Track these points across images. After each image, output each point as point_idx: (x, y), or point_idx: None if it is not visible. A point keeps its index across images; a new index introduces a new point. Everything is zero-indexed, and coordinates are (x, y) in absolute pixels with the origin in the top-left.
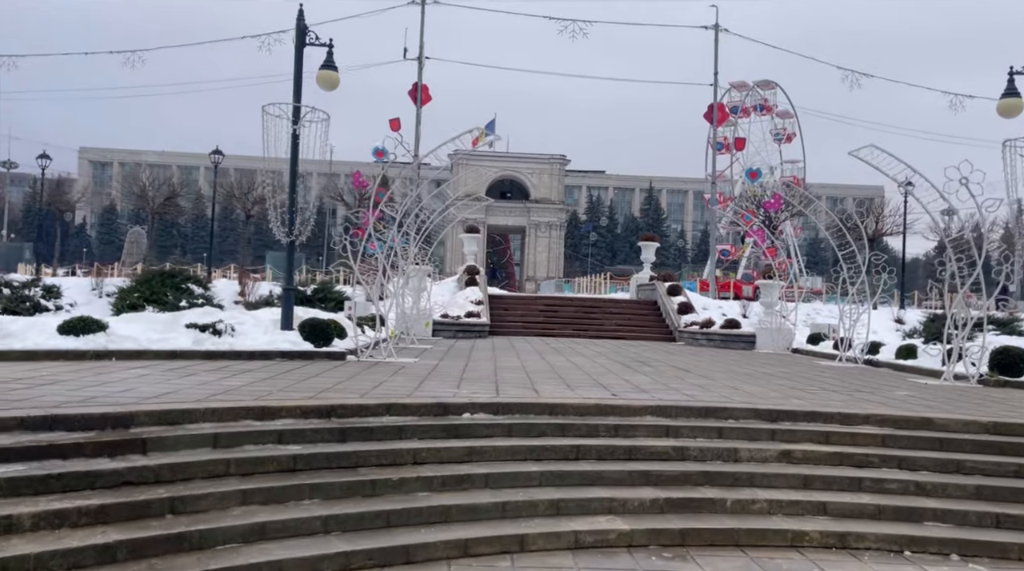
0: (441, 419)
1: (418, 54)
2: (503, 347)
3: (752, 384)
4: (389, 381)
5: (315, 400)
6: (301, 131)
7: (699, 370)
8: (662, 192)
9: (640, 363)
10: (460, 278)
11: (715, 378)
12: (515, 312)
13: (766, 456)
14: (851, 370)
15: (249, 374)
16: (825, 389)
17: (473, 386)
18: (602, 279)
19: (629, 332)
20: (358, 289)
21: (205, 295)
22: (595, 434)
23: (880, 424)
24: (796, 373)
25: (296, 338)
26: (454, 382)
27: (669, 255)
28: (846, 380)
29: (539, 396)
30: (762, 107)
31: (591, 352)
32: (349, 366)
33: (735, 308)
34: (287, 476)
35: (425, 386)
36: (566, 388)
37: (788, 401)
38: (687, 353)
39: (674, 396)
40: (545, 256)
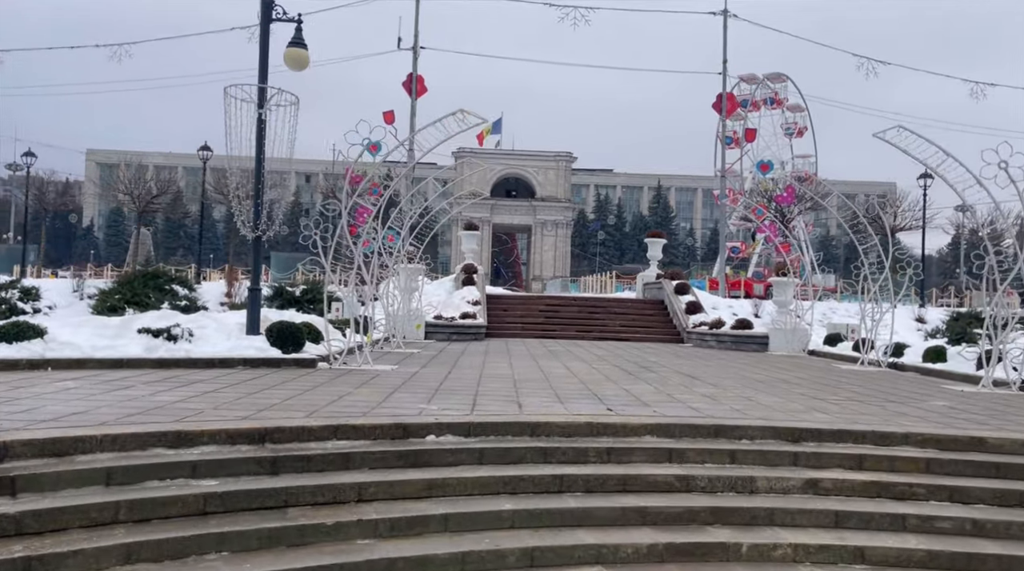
0: (399, 443)
1: (413, 44)
2: (497, 351)
3: (768, 393)
4: (352, 394)
5: (248, 421)
6: (268, 116)
7: (708, 376)
8: (671, 190)
9: (643, 369)
10: (457, 277)
11: (726, 386)
12: (514, 313)
13: (788, 486)
14: (875, 375)
15: (194, 386)
16: (851, 399)
17: (448, 400)
18: (608, 278)
19: (634, 333)
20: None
21: (189, 296)
22: (583, 460)
23: (922, 445)
24: (815, 379)
25: (262, 344)
26: (427, 395)
27: (678, 254)
28: (872, 387)
29: (521, 412)
30: (772, 100)
31: (591, 356)
32: (316, 375)
33: (746, 307)
34: (193, 522)
35: (392, 400)
36: (555, 401)
37: (811, 415)
38: (695, 356)
39: (679, 410)
40: (552, 255)
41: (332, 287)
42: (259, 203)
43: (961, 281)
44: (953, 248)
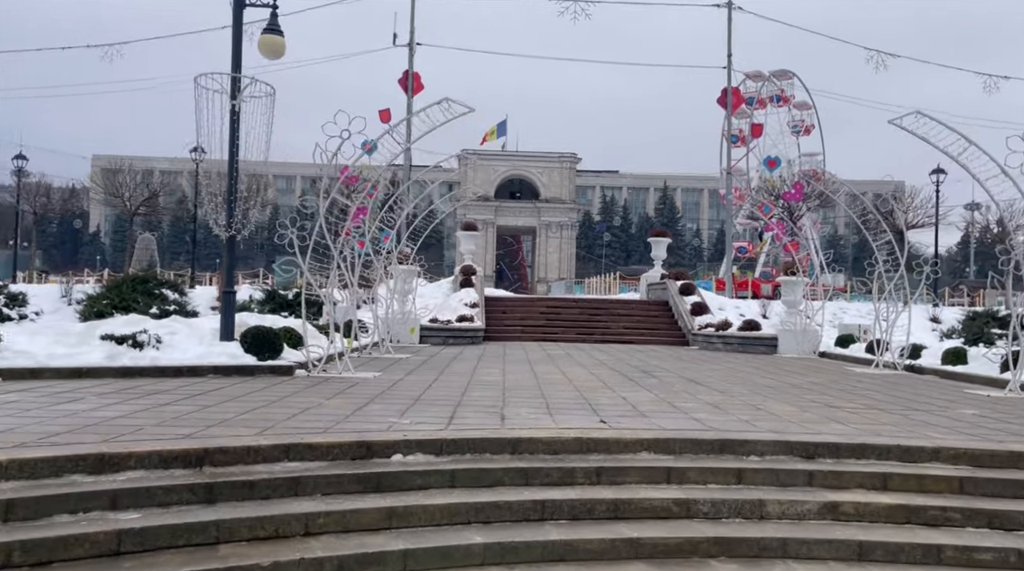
0: (360, 465)
1: (408, 40)
2: (492, 355)
3: (778, 400)
4: (322, 406)
5: (188, 441)
6: (242, 107)
7: (714, 382)
8: (677, 191)
9: (644, 374)
10: (455, 279)
11: (733, 393)
12: (514, 315)
13: (803, 510)
14: (892, 379)
15: (151, 398)
16: (870, 406)
17: (425, 412)
18: (612, 280)
19: (638, 335)
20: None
21: (179, 301)
22: (570, 481)
23: (954, 461)
24: (829, 384)
25: (236, 350)
26: (404, 406)
27: (685, 254)
28: (891, 392)
29: (502, 427)
30: (779, 98)
31: (591, 360)
32: (290, 384)
33: (754, 308)
34: (102, 566)
35: (364, 412)
36: (544, 412)
37: (826, 426)
38: (700, 360)
39: (680, 422)
40: (556, 257)
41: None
42: (232, 201)
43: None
44: (963, 247)
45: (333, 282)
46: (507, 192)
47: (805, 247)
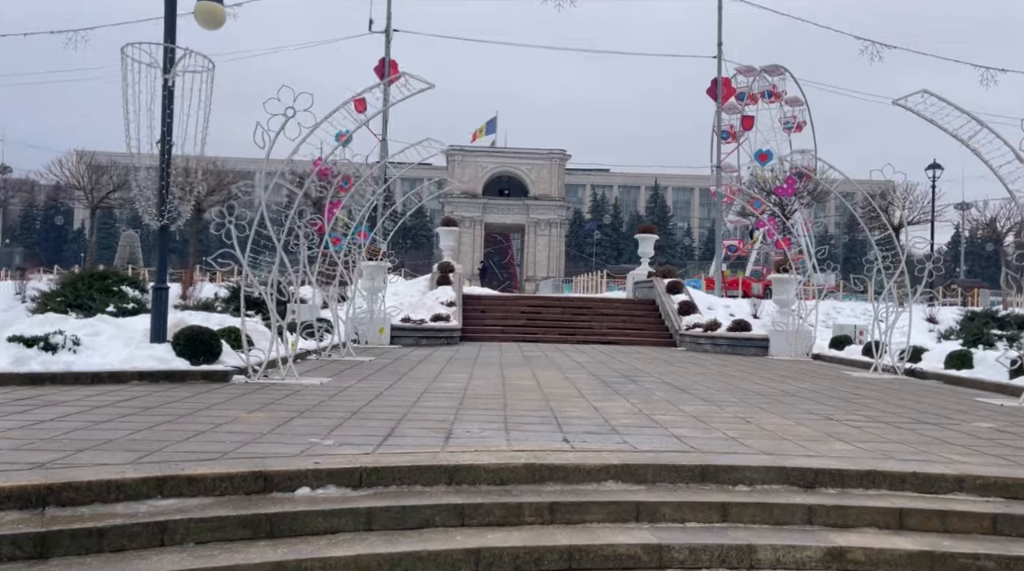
0: (253, 503)
1: (385, 27)
2: (464, 357)
3: (770, 412)
4: (237, 421)
5: (35, 474)
6: (177, 83)
7: (700, 389)
8: (668, 190)
9: (625, 379)
10: (432, 277)
11: (720, 403)
12: (493, 314)
13: (803, 558)
14: (893, 384)
15: (40, 412)
16: (874, 419)
17: (358, 429)
18: (599, 278)
19: (623, 336)
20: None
21: (139, 299)
22: (516, 520)
23: (983, 492)
24: (826, 390)
25: (166, 353)
26: (338, 420)
27: (676, 254)
28: (895, 401)
29: (444, 448)
30: (770, 94)
31: (569, 363)
32: (219, 393)
33: (744, 307)
34: None
35: (283, 430)
36: (499, 429)
37: (827, 444)
38: (687, 362)
39: (657, 440)
40: (545, 255)
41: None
42: (165, 187)
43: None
44: (952, 246)
45: (297, 279)
46: (496, 189)
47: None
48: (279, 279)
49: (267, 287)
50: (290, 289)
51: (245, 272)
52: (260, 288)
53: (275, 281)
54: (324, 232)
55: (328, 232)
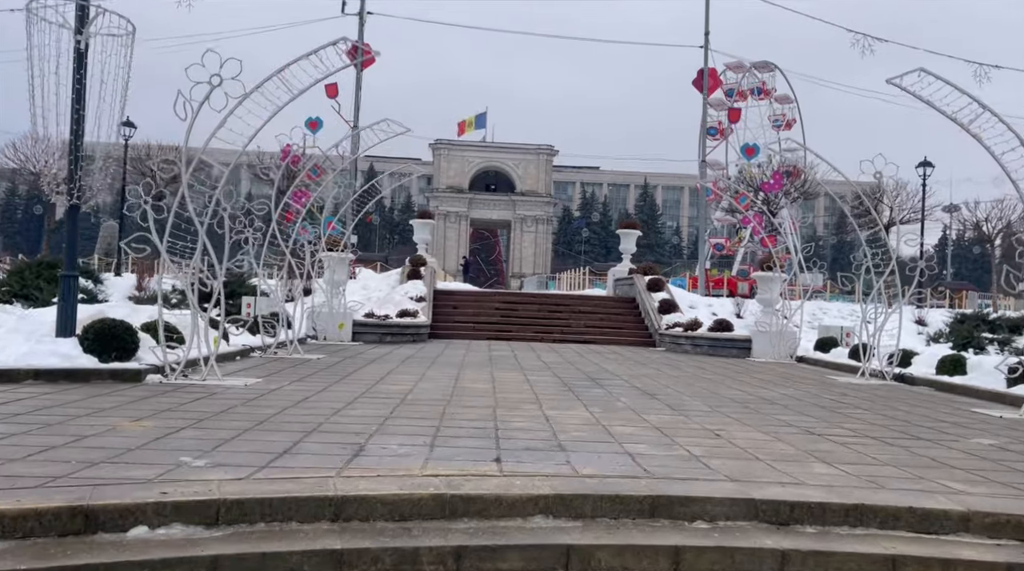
0: (64, 547)
1: (359, 8)
2: (424, 357)
3: (746, 423)
4: (111, 432)
5: None
6: (91, 45)
7: (670, 394)
8: (657, 188)
9: (591, 382)
10: (403, 270)
11: (689, 411)
12: (465, 311)
13: None
14: (882, 391)
15: None
16: (862, 432)
17: (249, 445)
18: (582, 275)
19: (600, 334)
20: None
21: (90, 290)
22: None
23: (993, 533)
24: (809, 398)
25: (72, 349)
26: (233, 433)
27: (664, 252)
28: (884, 412)
29: (340, 473)
30: (759, 91)
31: (536, 364)
32: (120, 395)
33: (727, 306)
34: None
35: (158, 445)
36: (423, 445)
37: (806, 466)
38: (663, 363)
39: (606, 460)
40: (532, 251)
41: (274, 282)
42: (76, 161)
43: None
44: (939, 248)
45: (195, 265)
46: (482, 184)
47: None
48: (200, 268)
49: (188, 277)
50: (212, 282)
51: (163, 258)
52: (181, 279)
53: (196, 269)
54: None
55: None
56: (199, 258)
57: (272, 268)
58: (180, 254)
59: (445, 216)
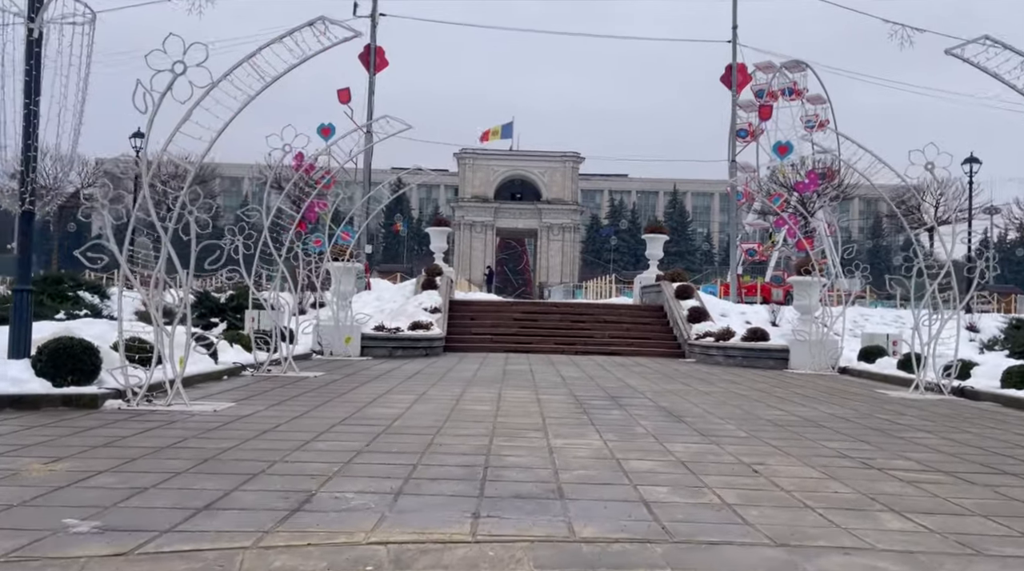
0: None
1: (371, 11)
2: (432, 373)
3: (788, 453)
4: (8, 480)
5: None
6: (48, 35)
7: (699, 415)
8: (687, 195)
9: (611, 401)
10: (418, 280)
11: (722, 438)
12: (483, 322)
13: None
14: (942, 409)
15: None
16: (931, 467)
17: (179, 493)
18: (606, 283)
19: (625, 345)
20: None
21: (94, 305)
22: None
23: None
24: (859, 418)
25: (22, 372)
26: (164, 476)
27: (695, 259)
28: (951, 435)
29: (257, 543)
30: (791, 91)
31: (553, 379)
32: (60, 426)
33: (762, 314)
34: None
35: (55, 498)
36: (389, 492)
37: (872, 520)
38: (693, 377)
39: (614, 514)
40: (559, 260)
41: (285, 296)
42: (28, 164)
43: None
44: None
45: (188, 279)
46: (508, 193)
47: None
48: (165, 279)
49: (148, 289)
50: (178, 293)
51: (122, 268)
52: (144, 294)
53: (160, 280)
54: (305, 230)
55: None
56: (162, 267)
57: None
58: (144, 265)
59: (471, 226)
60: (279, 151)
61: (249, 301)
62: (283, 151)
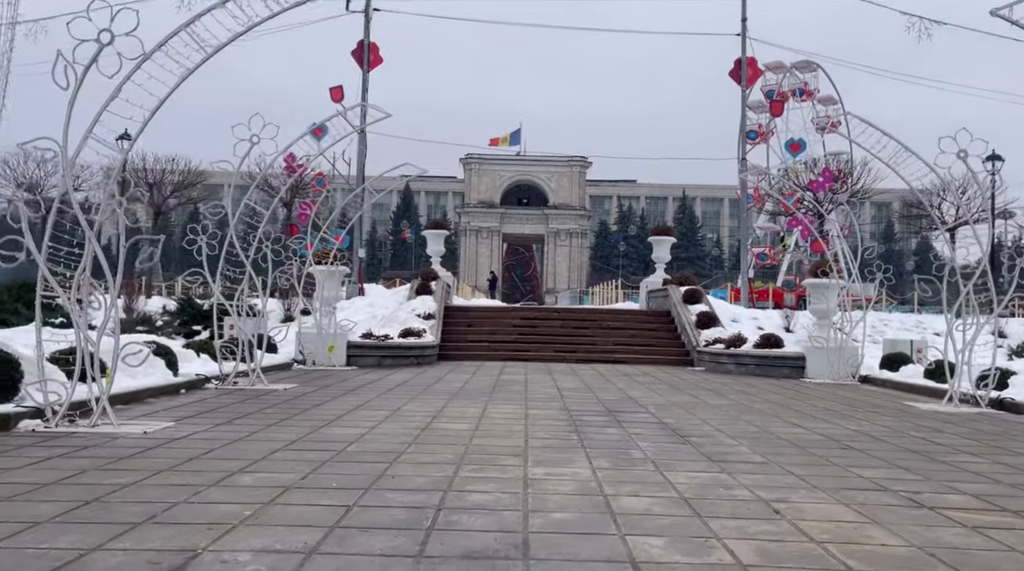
0: None
1: (365, 6)
2: (418, 384)
3: (813, 485)
4: None
5: None
6: None
7: (708, 434)
8: (696, 200)
9: (608, 417)
10: (412, 285)
11: (734, 463)
12: (480, 329)
13: None
14: (982, 423)
15: None
16: (989, 503)
17: (11, 557)
18: (612, 289)
19: (630, 353)
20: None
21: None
22: None
23: None
24: (891, 436)
25: None
26: (7, 532)
27: (705, 265)
28: (1004, 459)
29: None
30: (802, 92)
31: (548, 391)
32: None
33: (775, 319)
34: None
35: None
36: (296, 553)
37: None
38: (702, 388)
39: None
40: (566, 266)
41: (273, 303)
42: None
43: None
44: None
45: (83, 281)
46: (515, 198)
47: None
48: (92, 282)
49: (71, 292)
50: (97, 296)
51: (41, 271)
52: (62, 297)
53: (83, 283)
54: (297, 233)
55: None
56: (88, 267)
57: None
58: (67, 265)
59: (477, 232)
60: (245, 143)
61: (214, 308)
62: (250, 142)
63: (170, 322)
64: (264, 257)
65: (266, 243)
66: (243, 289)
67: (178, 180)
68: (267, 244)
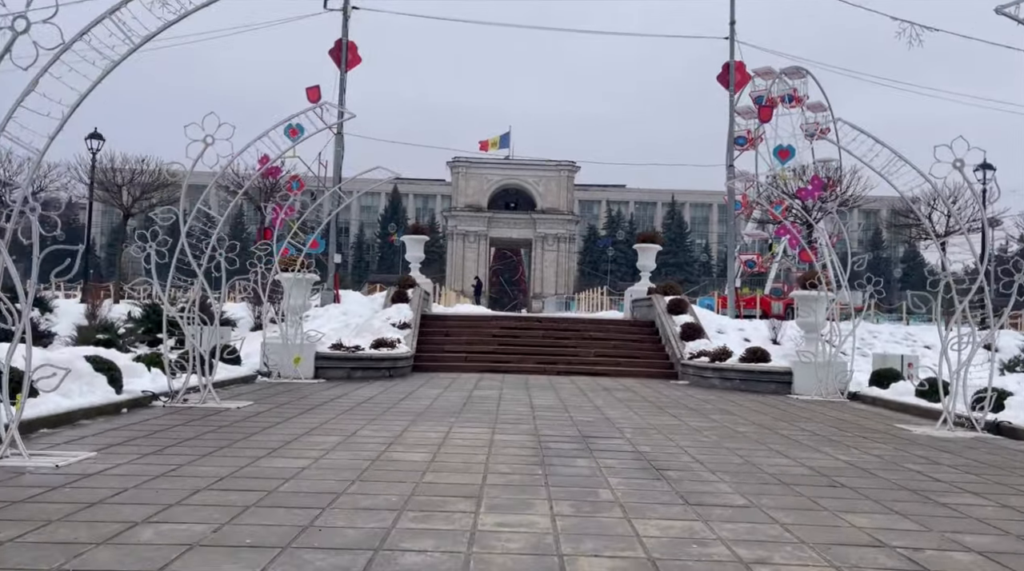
0: None
1: (343, 3)
2: (384, 401)
3: (799, 538)
4: None
5: None
6: None
7: (686, 466)
8: (685, 205)
9: (579, 444)
10: (388, 293)
11: (711, 507)
12: (458, 338)
13: None
14: (980, 450)
15: None
16: (1007, 568)
17: None
18: (601, 295)
19: (612, 365)
20: (239, 309)
21: (32, 318)
22: None
23: None
24: (884, 469)
25: None
26: None
27: (693, 271)
28: (1011, 500)
29: None
30: (791, 98)
31: (521, 409)
32: None
33: (762, 330)
34: None
35: None
36: None
37: None
38: (684, 406)
39: None
40: (553, 271)
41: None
42: None
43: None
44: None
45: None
46: (502, 202)
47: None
48: None
49: None
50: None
51: None
52: None
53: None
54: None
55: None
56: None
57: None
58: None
59: (464, 236)
60: (199, 143)
61: (164, 318)
62: (204, 143)
63: (134, 330)
64: (218, 266)
65: (219, 250)
66: (194, 300)
67: (147, 181)
68: (220, 252)
